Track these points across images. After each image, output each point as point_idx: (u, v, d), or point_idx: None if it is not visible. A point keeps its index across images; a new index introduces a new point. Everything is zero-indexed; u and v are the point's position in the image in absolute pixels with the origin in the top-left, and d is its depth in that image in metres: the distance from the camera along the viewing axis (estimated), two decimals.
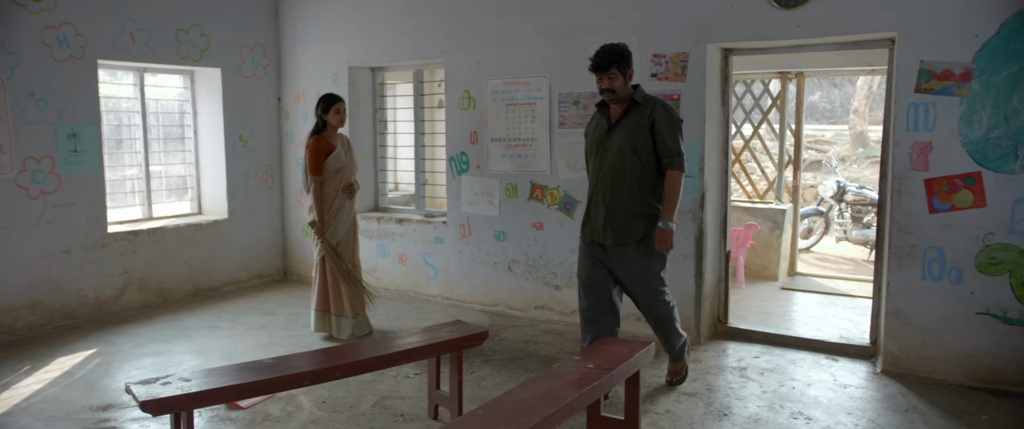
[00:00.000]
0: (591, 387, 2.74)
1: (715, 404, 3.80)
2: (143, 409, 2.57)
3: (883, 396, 3.91)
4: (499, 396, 2.68)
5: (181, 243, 6.00)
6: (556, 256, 5.33)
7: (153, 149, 6.10)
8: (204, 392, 2.69)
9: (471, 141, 5.63)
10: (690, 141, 4.70)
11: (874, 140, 14.24)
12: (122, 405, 3.78)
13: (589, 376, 2.84)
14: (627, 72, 3.73)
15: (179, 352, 4.65)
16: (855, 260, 8.13)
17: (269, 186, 6.74)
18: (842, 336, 4.88)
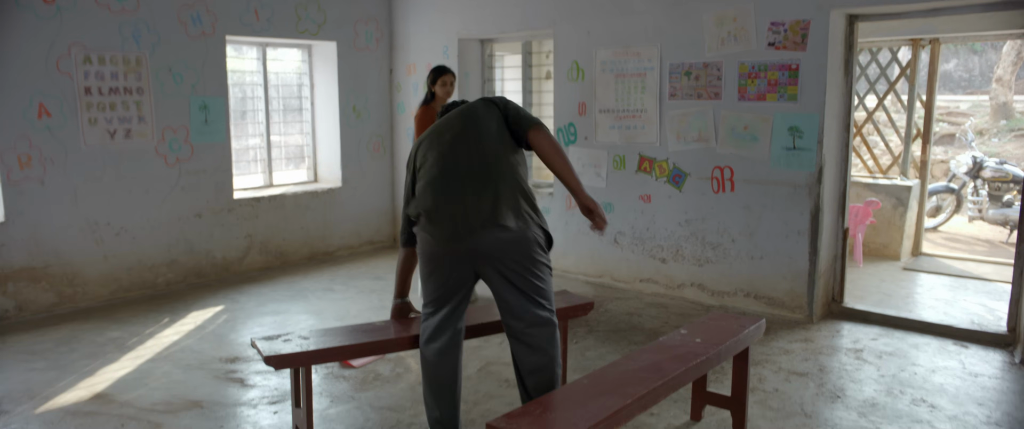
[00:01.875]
0: (698, 362, 2.70)
1: (828, 385, 3.64)
2: (266, 363, 2.75)
3: (1021, 388, 3.62)
4: (604, 367, 2.68)
5: (298, 209, 6.32)
6: (663, 229, 5.23)
7: (273, 120, 6.43)
8: (321, 350, 2.85)
9: (579, 112, 5.59)
10: (809, 114, 4.47)
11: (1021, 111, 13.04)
12: (247, 358, 4.06)
13: (696, 351, 2.79)
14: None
15: (296, 312, 4.93)
16: (991, 241, 7.52)
17: (380, 156, 6.97)
18: (973, 322, 4.55)
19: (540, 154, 2.81)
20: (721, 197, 4.92)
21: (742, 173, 4.81)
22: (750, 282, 4.87)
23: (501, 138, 2.82)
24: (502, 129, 2.85)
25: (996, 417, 3.30)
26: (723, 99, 4.82)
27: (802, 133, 4.53)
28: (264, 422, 3.26)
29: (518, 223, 2.73)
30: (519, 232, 2.73)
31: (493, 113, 2.88)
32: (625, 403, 2.32)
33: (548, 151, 2.79)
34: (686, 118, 5.00)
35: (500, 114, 2.89)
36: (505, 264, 2.73)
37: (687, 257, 5.14)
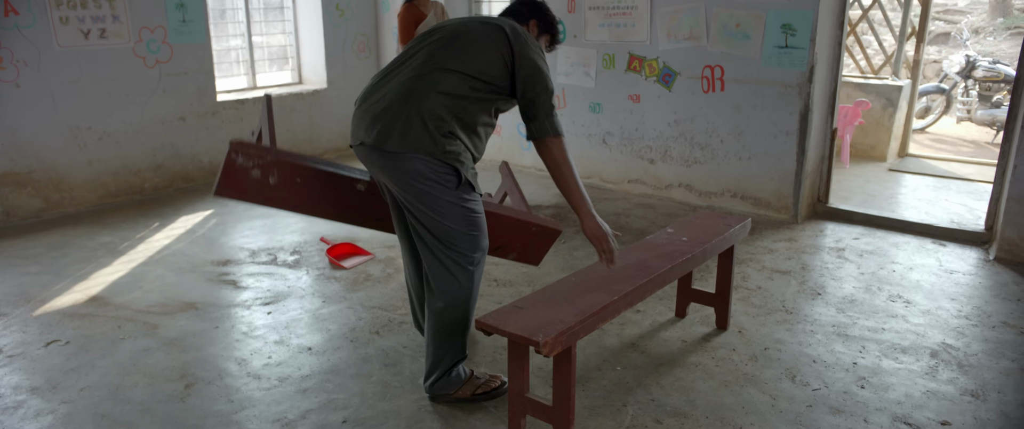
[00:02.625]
0: (684, 260, 2.75)
1: (809, 283, 3.74)
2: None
3: (994, 284, 3.73)
4: (591, 265, 2.73)
5: (284, 111, 6.23)
6: (652, 129, 5.21)
7: (255, 20, 6.22)
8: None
9: (568, 9, 5.43)
10: (802, 11, 4.37)
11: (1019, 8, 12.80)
12: (239, 261, 4.10)
13: (682, 249, 2.84)
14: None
15: (285, 215, 4.93)
16: (977, 142, 7.56)
17: (366, 56, 6.81)
18: (953, 221, 4.64)
19: (545, 164, 2.51)
20: (711, 97, 4.88)
21: (732, 72, 4.75)
22: (737, 183, 4.91)
23: (473, 84, 2.40)
24: (491, 80, 2.42)
25: (966, 311, 3.42)
26: None
27: (795, 31, 4.44)
28: (258, 322, 3.33)
29: (402, 148, 2.35)
30: (397, 156, 2.37)
31: (497, 58, 2.42)
32: (611, 299, 2.38)
33: (553, 168, 2.48)
34: (677, 15, 4.88)
35: (507, 68, 2.44)
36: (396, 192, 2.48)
37: (676, 158, 5.15)
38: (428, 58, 2.44)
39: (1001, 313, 3.39)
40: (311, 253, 4.21)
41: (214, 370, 2.89)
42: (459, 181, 2.43)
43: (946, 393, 2.71)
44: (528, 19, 2.69)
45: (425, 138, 2.36)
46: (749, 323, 3.29)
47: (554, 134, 2.46)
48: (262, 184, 2.67)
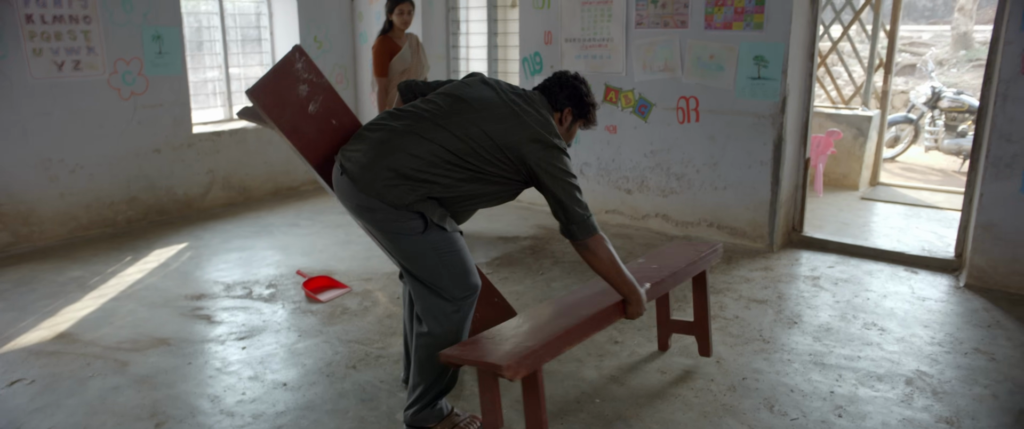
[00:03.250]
0: (652, 285, 2.75)
1: (785, 312, 3.77)
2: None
3: (965, 310, 3.79)
4: (565, 295, 2.73)
5: (261, 144, 6.20)
6: (629, 160, 5.26)
7: (232, 52, 6.22)
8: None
9: (545, 41, 5.50)
10: (774, 43, 4.46)
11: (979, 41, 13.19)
12: (213, 295, 4.04)
13: (651, 275, 2.83)
14: None
15: (262, 248, 4.90)
16: (945, 171, 7.72)
17: (344, 87, 6.82)
18: (924, 249, 4.71)
19: (587, 263, 2.42)
20: (686, 127, 4.94)
21: (707, 103, 4.82)
22: (713, 212, 4.96)
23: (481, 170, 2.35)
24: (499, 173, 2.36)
25: (939, 338, 3.46)
26: (689, 28, 4.78)
27: (767, 62, 4.53)
28: (232, 357, 3.27)
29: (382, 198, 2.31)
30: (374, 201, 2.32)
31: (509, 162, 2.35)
32: (575, 323, 2.36)
33: (597, 267, 2.40)
34: (652, 47, 4.96)
35: (518, 165, 2.35)
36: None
37: (652, 188, 5.19)
38: (438, 122, 2.36)
39: (973, 339, 3.44)
40: (287, 286, 4.16)
41: (186, 408, 2.83)
42: (426, 225, 2.36)
43: (922, 421, 2.73)
44: (564, 106, 2.53)
45: (390, 193, 2.31)
46: (727, 353, 3.30)
47: (591, 235, 2.36)
48: (299, 107, 2.48)
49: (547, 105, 2.51)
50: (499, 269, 4.42)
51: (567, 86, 2.55)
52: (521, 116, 2.37)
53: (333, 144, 2.59)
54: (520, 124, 2.35)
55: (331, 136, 2.59)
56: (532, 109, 2.42)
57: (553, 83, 2.57)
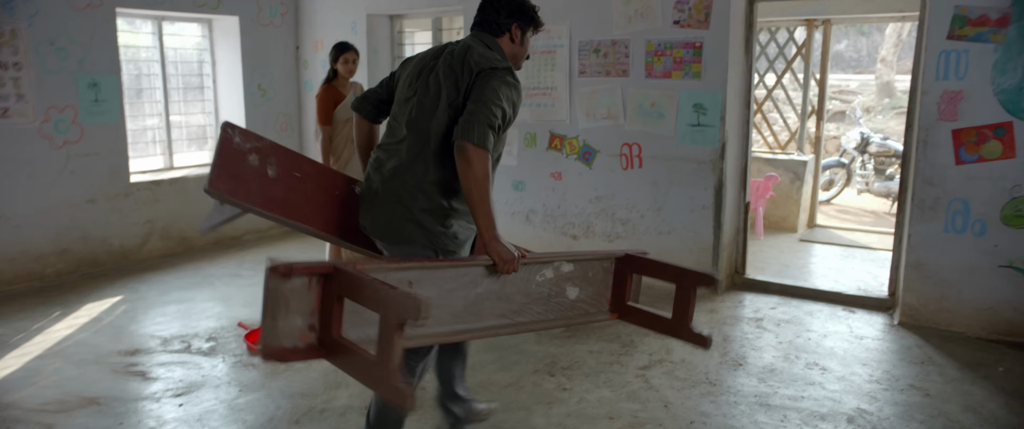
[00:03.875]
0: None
1: (731, 354, 3.82)
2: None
3: (899, 348, 3.91)
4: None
5: (202, 193, 6.00)
6: (574, 206, 5.32)
7: (173, 99, 6.12)
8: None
9: None
10: (712, 91, 4.63)
11: (901, 90, 13.92)
12: (148, 350, 3.88)
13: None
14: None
15: (202, 299, 4.75)
16: (876, 212, 8.04)
17: (288, 135, 6.75)
18: (860, 288, 4.87)
19: (458, 172, 2.27)
20: (630, 173, 5.04)
21: (649, 150, 4.94)
22: (659, 256, 5.01)
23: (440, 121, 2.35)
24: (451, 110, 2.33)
25: (877, 375, 3.56)
26: (631, 76, 4.92)
27: (706, 110, 4.69)
28: (168, 416, 3.13)
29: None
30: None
31: (452, 88, 2.35)
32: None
33: (463, 178, 2.25)
34: (595, 95, 5.08)
35: (460, 96, 2.34)
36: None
37: (598, 233, 5.25)
38: (411, 136, 2.39)
39: (908, 376, 3.54)
40: (228, 339, 4.03)
41: None
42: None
43: None
44: (508, 25, 2.48)
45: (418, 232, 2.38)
46: (674, 397, 3.32)
47: (478, 144, 2.21)
48: (260, 176, 2.32)
49: (487, 39, 2.46)
50: None
51: (498, 4, 2.47)
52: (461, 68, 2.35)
53: (308, 195, 2.48)
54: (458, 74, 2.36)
55: (302, 188, 2.47)
56: (474, 51, 2.38)
57: (487, 12, 2.48)
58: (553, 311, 2.51)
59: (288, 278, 2.03)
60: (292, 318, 2.04)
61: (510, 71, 2.38)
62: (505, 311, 2.39)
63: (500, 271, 2.31)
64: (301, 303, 2.05)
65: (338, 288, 2.01)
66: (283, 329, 2.03)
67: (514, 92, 2.37)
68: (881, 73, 14.58)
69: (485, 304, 2.34)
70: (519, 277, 2.41)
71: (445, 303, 2.25)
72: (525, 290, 2.45)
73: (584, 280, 2.59)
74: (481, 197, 2.24)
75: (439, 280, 2.24)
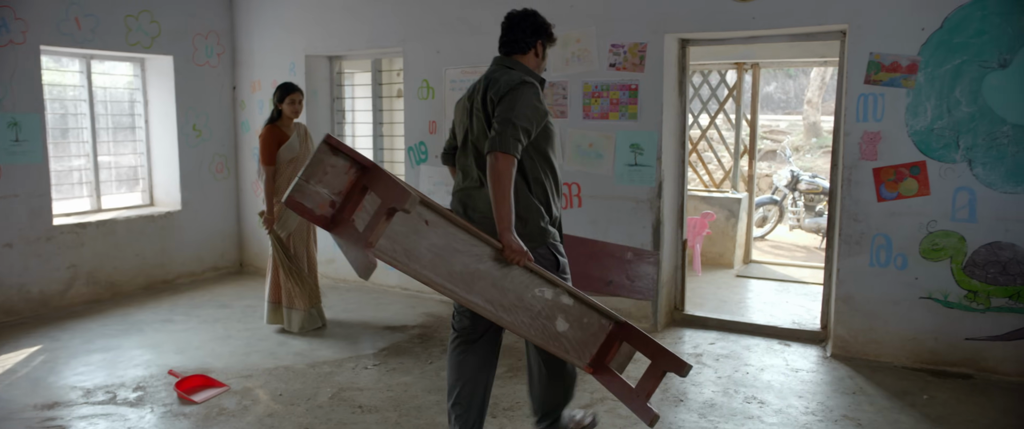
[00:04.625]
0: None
1: (672, 390, 3.86)
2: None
3: (832, 379, 4.02)
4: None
5: (132, 235, 5.85)
6: None
7: (102, 139, 5.92)
8: None
9: (430, 131, 5.59)
10: (648, 132, 4.75)
11: (827, 130, 14.56)
12: (69, 403, 3.68)
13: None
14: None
15: (130, 347, 4.54)
16: (808, 248, 8.32)
17: (224, 177, 6.61)
18: (794, 322, 5.00)
19: (487, 176, 2.63)
20: (570, 213, 5.10)
21: (588, 189, 5.02)
22: (604, 299, 5.06)
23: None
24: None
25: (813, 407, 3.64)
26: (569, 117, 5.01)
27: (643, 150, 4.80)
28: None
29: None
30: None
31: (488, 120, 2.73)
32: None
33: (491, 179, 2.60)
34: None
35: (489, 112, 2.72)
36: None
37: None
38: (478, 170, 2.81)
39: (841, 407, 3.64)
40: (157, 388, 3.86)
41: None
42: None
43: None
44: (533, 43, 2.88)
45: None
46: None
47: (505, 151, 2.57)
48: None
49: (513, 64, 2.84)
50: (387, 360, 4.30)
51: (522, 26, 2.86)
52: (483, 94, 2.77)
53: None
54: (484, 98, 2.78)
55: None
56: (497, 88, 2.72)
57: (511, 34, 2.86)
58: (536, 328, 2.66)
59: (335, 153, 2.47)
60: (322, 186, 2.48)
61: (526, 81, 2.73)
62: (494, 299, 2.57)
63: (506, 258, 2.55)
64: (334, 179, 2.49)
65: (366, 180, 2.45)
66: (311, 191, 2.47)
67: (533, 92, 2.72)
68: (808, 114, 15.25)
69: (479, 282, 2.55)
70: (520, 280, 2.61)
71: (446, 258, 2.49)
72: (521, 295, 2.62)
73: (578, 322, 2.74)
74: (501, 194, 2.58)
75: (451, 236, 2.48)
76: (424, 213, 2.42)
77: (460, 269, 2.51)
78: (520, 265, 2.58)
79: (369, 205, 2.42)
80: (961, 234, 4.01)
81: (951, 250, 4.03)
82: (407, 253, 2.41)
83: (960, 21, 3.88)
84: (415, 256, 2.42)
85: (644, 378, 2.73)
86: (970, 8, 3.85)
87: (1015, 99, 3.83)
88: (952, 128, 3.96)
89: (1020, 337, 3.96)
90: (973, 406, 3.64)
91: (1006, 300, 3.96)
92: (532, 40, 2.86)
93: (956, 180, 3.99)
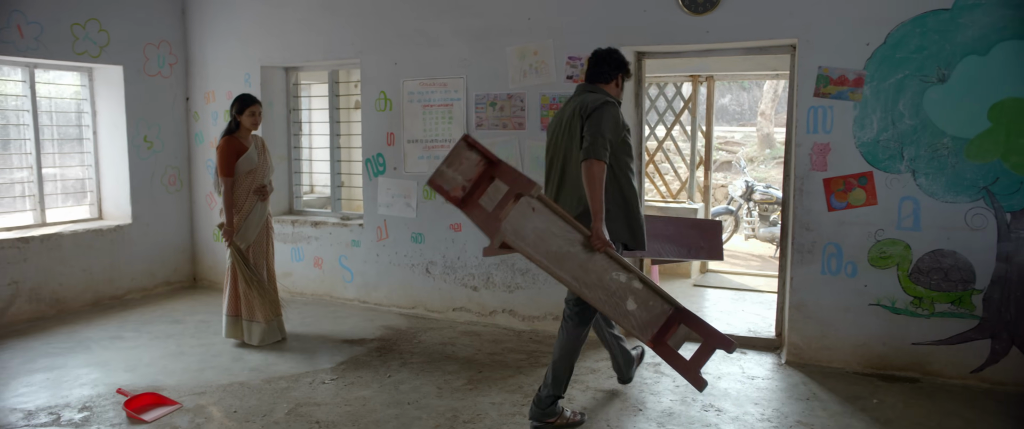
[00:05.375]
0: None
1: (631, 400, 3.88)
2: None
3: (787, 386, 4.09)
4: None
5: (79, 250, 5.67)
6: (474, 258, 5.33)
7: (46, 151, 5.74)
8: None
9: (388, 143, 5.56)
10: None
11: (780, 142, 14.92)
12: (9, 426, 3.54)
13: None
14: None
15: (76, 365, 4.40)
16: (763, 257, 8.48)
17: (177, 189, 6.46)
18: (750, 330, 5.09)
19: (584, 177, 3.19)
20: None
21: None
22: (558, 306, 5.09)
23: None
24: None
25: (768, 414, 3.70)
26: (527, 129, 5.04)
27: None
28: None
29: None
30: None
31: (576, 129, 3.35)
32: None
33: (586, 181, 3.18)
34: (492, 147, 5.15)
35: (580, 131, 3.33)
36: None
37: (498, 284, 5.27)
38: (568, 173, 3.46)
39: (795, 413, 3.71)
40: (105, 408, 3.74)
41: None
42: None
43: None
44: (614, 75, 3.52)
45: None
46: None
47: (596, 158, 3.16)
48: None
49: (596, 90, 3.45)
50: (345, 374, 4.24)
51: (608, 61, 3.50)
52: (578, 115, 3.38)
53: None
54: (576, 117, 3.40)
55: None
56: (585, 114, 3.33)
57: (598, 68, 3.50)
58: (610, 304, 3.22)
59: (470, 149, 3.23)
60: (456, 173, 3.20)
61: (608, 102, 3.35)
62: (579, 277, 3.15)
63: (592, 245, 3.14)
64: (467, 169, 3.23)
65: (493, 171, 3.23)
66: (448, 176, 3.23)
67: (614, 110, 3.34)
68: (761, 126, 15.59)
69: (569, 262, 3.13)
70: (601, 264, 3.18)
71: (545, 240, 3.08)
72: (601, 276, 3.19)
73: (644, 304, 3.28)
74: (594, 192, 3.16)
75: (551, 222, 3.09)
76: (532, 202, 3.03)
77: (555, 250, 3.11)
78: (602, 252, 3.14)
79: (493, 192, 3.16)
80: (907, 242, 4.13)
81: (898, 258, 4.16)
82: (516, 232, 3.01)
83: (902, 37, 4.03)
84: (521, 235, 3.02)
85: (697, 354, 3.24)
86: (910, 25, 4.00)
87: (954, 112, 3.98)
88: (896, 140, 4.09)
89: (962, 341, 4.09)
90: (919, 409, 3.75)
91: (949, 305, 4.10)
92: (615, 73, 3.52)
93: (901, 190, 4.12)
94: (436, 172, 3.22)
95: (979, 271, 4.03)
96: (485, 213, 3.14)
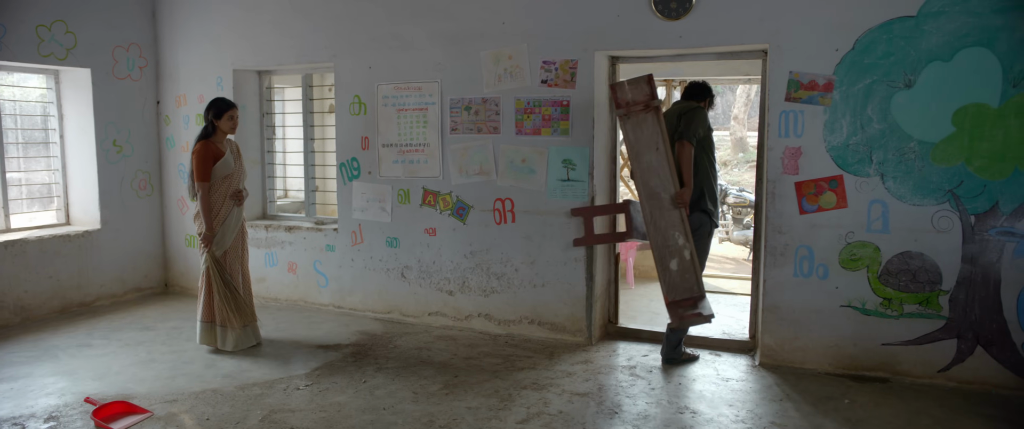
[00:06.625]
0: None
1: (606, 403, 3.90)
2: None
3: (761, 387, 4.14)
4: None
5: (45, 256, 5.55)
6: (449, 262, 5.31)
7: (10, 154, 5.62)
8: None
9: (362, 147, 5.53)
10: (580, 147, 4.83)
11: (752, 145, 15.10)
12: None
13: None
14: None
15: (42, 374, 4.30)
16: (737, 259, 8.57)
17: (148, 194, 6.36)
18: (724, 332, 5.13)
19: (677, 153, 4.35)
20: (503, 228, 5.11)
21: (522, 204, 5.05)
22: (534, 309, 5.10)
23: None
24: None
25: (742, 416, 3.74)
26: (502, 133, 5.04)
27: (575, 165, 4.86)
28: None
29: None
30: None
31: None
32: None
33: (679, 159, 4.34)
34: (467, 152, 5.15)
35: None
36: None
37: (473, 288, 5.26)
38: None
39: (769, 414, 3.75)
40: (73, 417, 3.66)
41: None
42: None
43: None
44: (705, 98, 4.65)
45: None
46: None
47: (687, 140, 4.34)
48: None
49: (692, 103, 4.58)
50: (320, 379, 4.20)
51: (704, 87, 4.67)
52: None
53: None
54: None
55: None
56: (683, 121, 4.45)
57: (695, 90, 4.67)
58: (660, 253, 4.29)
59: (648, 85, 4.21)
60: (629, 92, 4.29)
61: (698, 107, 4.53)
62: (654, 217, 4.26)
63: (676, 200, 4.22)
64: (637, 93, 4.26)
65: (651, 104, 4.25)
66: (626, 88, 4.29)
67: (702, 115, 4.49)
68: (735, 129, 15.78)
69: (654, 201, 4.25)
70: (672, 219, 4.23)
71: (651, 174, 4.23)
72: (667, 227, 4.24)
73: (681, 272, 4.25)
74: (686, 165, 4.31)
75: (660, 164, 4.21)
76: (660, 142, 4.18)
77: (653, 185, 4.23)
78: (678, 209, 4.19)
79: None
80: (876, 244, 4.20)
81: (867, 260, 4.23)
82: (636, 154, 4.22)
83: (870, 43, 4.10)
84: (638, 158, 4.23)
85: (690, 312, 4.27)
86: (878, 31, 4.08)
87: (920, 117, 4.06)
88: (865, 144, 4.16)
89: (930, 341, 4.17)
90: (889, 409, 3.81)
91: (917, 306, 4.18)
92: (705, 96, 4.64)
93: (870, 193, 4.19)
94: (618, 84, 4.28)
95: (945, 272, 4.11)
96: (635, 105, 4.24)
